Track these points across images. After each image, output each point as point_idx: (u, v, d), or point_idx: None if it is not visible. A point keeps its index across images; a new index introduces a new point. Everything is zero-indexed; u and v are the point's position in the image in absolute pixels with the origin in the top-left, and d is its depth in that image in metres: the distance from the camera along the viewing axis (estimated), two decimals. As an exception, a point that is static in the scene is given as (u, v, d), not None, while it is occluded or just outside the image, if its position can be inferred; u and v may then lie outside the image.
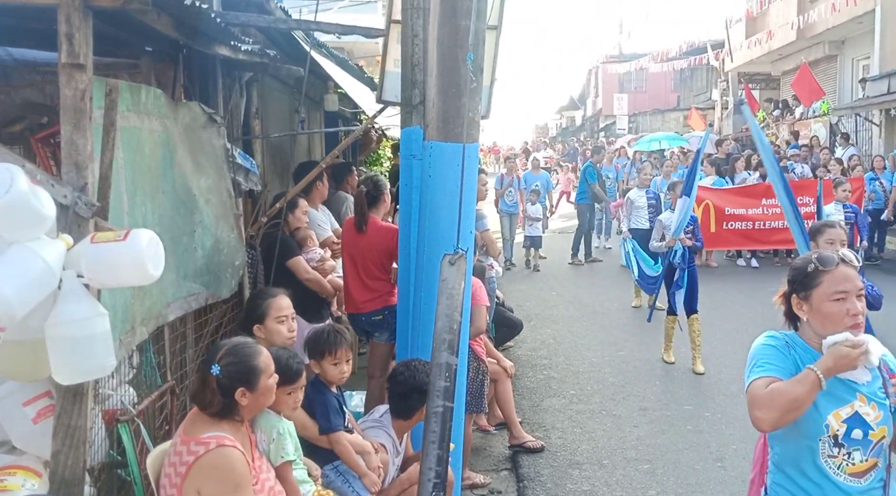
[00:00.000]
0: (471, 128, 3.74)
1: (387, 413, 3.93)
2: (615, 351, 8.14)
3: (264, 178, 5.71)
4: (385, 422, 3.90)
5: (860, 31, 18.30)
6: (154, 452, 2.97)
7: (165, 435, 3.69)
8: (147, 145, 3.60)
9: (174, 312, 3.85)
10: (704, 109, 30.20)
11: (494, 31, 4.83)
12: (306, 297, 4.90)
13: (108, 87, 2.96)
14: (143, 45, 4.06)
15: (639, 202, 10.48)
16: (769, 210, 12.36)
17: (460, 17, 3.65)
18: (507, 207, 13.66)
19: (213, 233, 4.35)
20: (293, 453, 3.18)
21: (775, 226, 12.22)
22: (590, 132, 50.20)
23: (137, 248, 2.68)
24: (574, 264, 13.73)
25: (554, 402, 6.61)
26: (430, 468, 3.21)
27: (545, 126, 75.05)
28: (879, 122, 16.89)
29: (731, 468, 5.22)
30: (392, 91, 4.78)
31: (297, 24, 5.14)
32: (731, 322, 9.06)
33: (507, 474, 5.30)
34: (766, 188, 12.51)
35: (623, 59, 32.82)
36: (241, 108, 5.27)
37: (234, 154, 4.74)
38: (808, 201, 11.87)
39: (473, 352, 4.94)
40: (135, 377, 3.65)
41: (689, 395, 6.68)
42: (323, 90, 7.91)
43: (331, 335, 3.71)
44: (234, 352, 2.79)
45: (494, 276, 7.15)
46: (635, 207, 10.47)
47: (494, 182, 15.00)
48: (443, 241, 3.70)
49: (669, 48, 26.69)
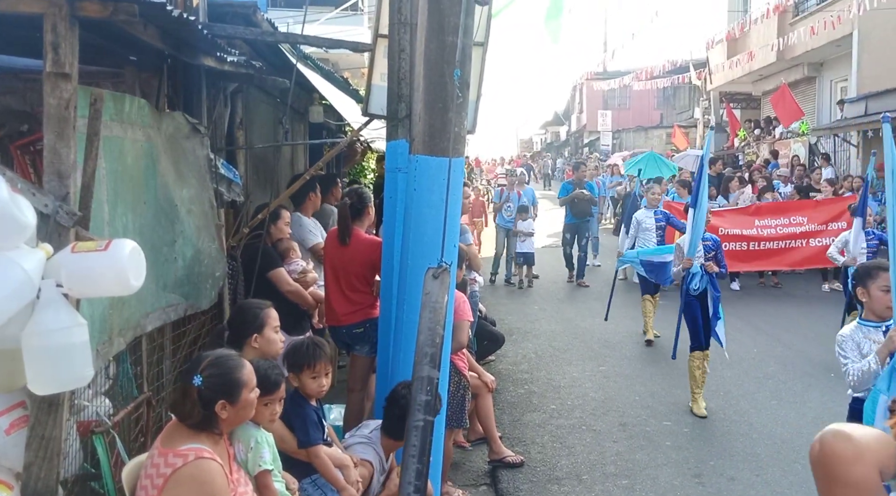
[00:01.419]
0: (457, 142, 3.76)
1: (377, 430, 3.90)
2: (596, 366, 8.16)
3: (247, 189, 5.70)
4: (374, 439, 3.87)
5: (838, 53, 18.58)
6: (129, 464, 2.93)
7: (141, 447, 3.65)
8: (130, 155, 3.58)
9: (152, 323, 3.83)
10: (687, 127, 30.47)
11: (481, 47, 4.87)
12: (287, 309, 4.85)
13: (92, 97, 2.95)
14: (127, 54, 4.04)
15: (646, 223, 9.62)
16: (763, 231, 12.14)
17: (447, 33, 3.68)
18: (505, 222, 13.32)
19: (194, 243, 4.33)
20: (271, 462, 3.15)
21: (770, 247, 12.11)
22: (574, 148, 50.51)
23: (119, 259, 2.66)
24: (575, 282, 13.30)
25: (534, 417, 6.61)
26: (409, 482, 3.20)
27: (530, 140, 75.44)
28: (857, 143, 17.12)
29: (708, 484, 5.24)
30: (378, 104, 4.80)
31: (284, 38, 5.15)
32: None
33: (486, 489, 5.29)
34: (756, 209, 12.48)
35: (607, 77, 33.02)
36: (226, 119, 5.26)
37: (218, 164, 4.73)
38: (801, 220, 12.11)
39: (455, 367, 4.93)
40: (111, 388, 3.62)
41: (669, 411, 6.70)
42: (308, 102, 7.91)
43: (310, 348, 3.69)
44: (217, 364, 2.76)
45: (477, 290, 7.16)
46: (643, 229, 9.62)
47: (493, 196, 15.11)
48: (427, 255, 3.71)
49: (653, 67, 26.92)
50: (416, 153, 3.89)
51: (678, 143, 27.29)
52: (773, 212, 12.40)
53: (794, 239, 12.13)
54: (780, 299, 11.87)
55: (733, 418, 6.51)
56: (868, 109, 16.16)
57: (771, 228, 12.16)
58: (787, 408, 6.61)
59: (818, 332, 9.13)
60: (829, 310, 10.35)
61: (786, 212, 12.36)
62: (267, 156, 6.76)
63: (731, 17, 24.85)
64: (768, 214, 12.28)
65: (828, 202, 12.61)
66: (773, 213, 12.34)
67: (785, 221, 12.17)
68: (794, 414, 6.56)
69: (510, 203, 13.29)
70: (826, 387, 7.25)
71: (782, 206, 12.76)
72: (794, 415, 6.54)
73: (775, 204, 12.91)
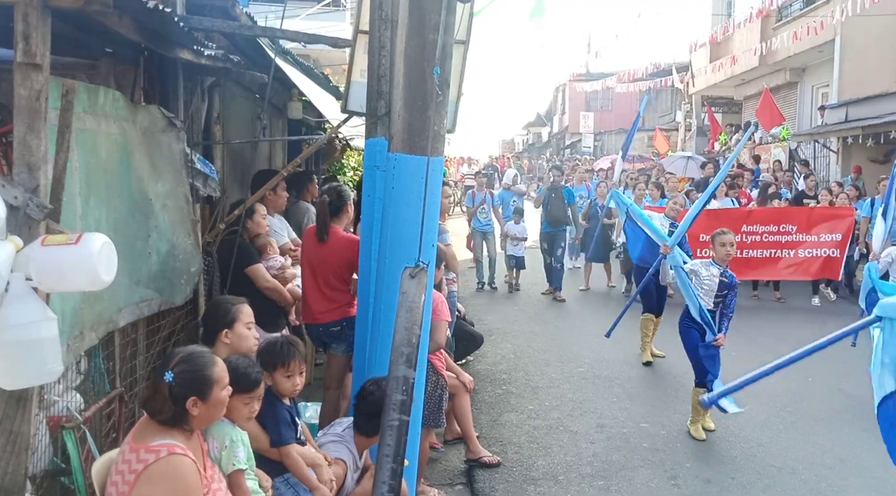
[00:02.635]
0: (436, 141, 3.74)
1: (349, 428, 3.88)
2: (574, 367, 8.17)
3: (223, 185, 5.64)
4: (347, 437, 3.85)
5: (820, 59, 18.76)
6: (100, 460, 2.91)
7: (113, 442, 3.61)
8: (103, 148, 3.53)
9: (125, 318, 3.78)
10: (668, 130, 30.66)
11: (462, 45, 4.86)
12: (264, 306, 4.83)
13: (64, 88, 2.90)
14: (102, 45, 3.99)
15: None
16: (748, 238, 11.44)
17: (428, 30, 3.66)
18: (481, 226, 12.72)
19: (169, 238, 4.28)
20: (245, 462, 3.13)
21: (753, 255, 11.51)
22: (556, 149, 50.67)
23: (89, 252, 2.62)
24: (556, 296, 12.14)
25: (512, 418, 6.60)
26: (383, 482, 3.18)
27: (512, 141, 75.62)
28: (837, 149, 17.29)
29: (684, 486, 5.26)
30: (357, 101, 4.77)
31: (262, 31, 5.10)
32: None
33: (462, 488, 5.28)
34: (746, 213, 11.93)
35: (590, 78, 33.16)
36: (203, 113, 5.21)
37: (194, 159, 4.68)
38: (790, 229, 11.55)
39: (433, 367, 4.92)
40: (82, 383, 3.57)
41: (646, 413, 6.72)
42: (287, 97, 7.85)
43: (284, 347, 3.67)
44: (189, 361, 2.74)
45: (456, 290, 7.14)
46: None
47: (465, 200, 14.40)
48: (404, 254, 3.69)
49: (636, 69, 27.05)
50: (394, 151, 3.87)
51: (659, 146, 27.46)
52: (765, 218, 11.78)
53: (781, 248, 11.64)
54: (762, 309, 11.94)
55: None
56: (849, 116, 16.34)
57: (756, 235, 11.60)
58: (763, 411, 6.64)
59: (796, 337, 9.20)
60: (814, 317, 10.47)
61: (778, 219, 11.76)
62: (244, 151, 6.71)
63: (715, 20, 25.04)
64: (758, 221, 11.68)
65: (823, 211, 11.96)
66: (764, 220, 11.71)
67: (773, 229, 11.62)
68: (771, 417, 6.60)
69: (485, 205, 12.79)
70: (803, 390, 7.31)
71: (777, 212, 12.11)
72: (771, 418, 6.58)
73: (769, 210, 12.25)
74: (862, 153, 16.21)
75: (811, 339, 2.86)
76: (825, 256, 11.55)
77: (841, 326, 2.91)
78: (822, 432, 6.28)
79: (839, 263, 11.48)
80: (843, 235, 11.48)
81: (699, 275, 6.11)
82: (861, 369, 7.87)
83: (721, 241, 6.15)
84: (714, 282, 6.10)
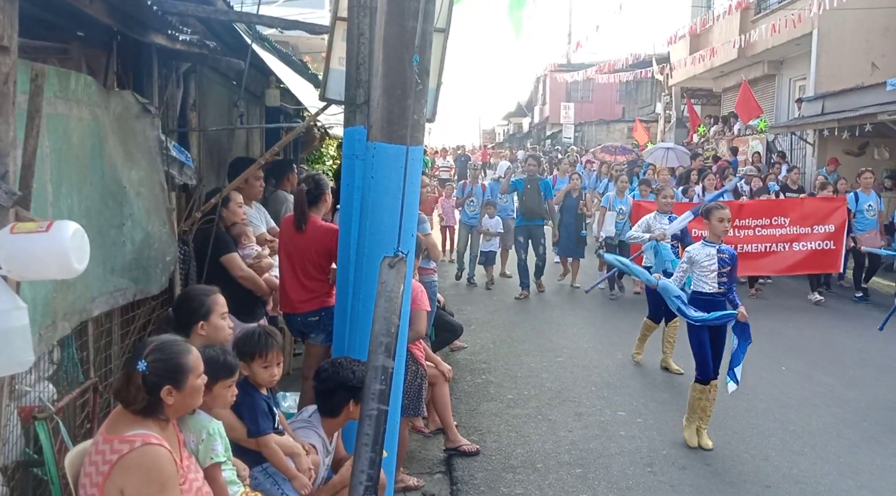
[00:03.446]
0: (415, 130, 3.71)
1: (316, 412, 3.86)
2: (553, 357, 8.20)
3: (200, 173, 5.58)
4: (314, 422, 3.83)
5: (798, 52, 18.88)
6: (74, 451, 2.87)
7: (87, 433, 3.57)
8: (75, 134, 3.46)
9: (99, 307, 3.72)
10: (648, 122, 30.76)
11: (442, 33, 4.81)
12: (239, 296, 4.78)
13: (34, 72, 2.83)
14: (74, 29, 3.90)
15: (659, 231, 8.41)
16: (741, 232, 10.97)
17: (407, 18, 3.62)
18: (469, 219, 12.35)
19: (144, 227, 4.22)
20: (223, 454, 3.10)
21: (747, 250, 10.85)
22: (536, 139, 50.69)
23: (60, 240, 2.57)
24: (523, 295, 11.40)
25: (491, 406, 6.61)
26: (361, 471, 3.16)
27: (492, 131, 75.56)
28: (813, 141, 17.44)
29: (660, 473, 5.29)
30: (336, 89, 4.71)
31: (238, 16, 5.02)
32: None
33: (441, 477, 5.28)
34: (737, 207, 11.05)
35: (571, 69, 33.12)
36: (178, 100, 5.13)
37: (169, 146, 4.62)
38: (783, 222, 11.15)
39: (412, 356, 4.90)
40: (55, 373, 3.51)
41: (624, 401, 6.76)
42: (265, 85, 7.77)
43: (262, 337, 3.64)
44: (162, 349, 2.70)
45: (436, 280, 7.12)
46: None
47: (456, 191, 13.84)
48: (383, 243, 3.66)
49: (616, 60, 27.07)
50: (373, 140, 3.83)
51: (639, 138, 27.54)
52: (757, 211, 11.34)
53: (775, 242, 11.21)
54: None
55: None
56: (825, 108, 16.47)
57: (749, 230, 11.13)
58: (738, 399, 6.70)
59: (774, 324, 9.30)
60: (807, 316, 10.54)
61: (770, 212, 11.36)
62: (221, 139, 6.63)
63: (695, 12, 25.12)
64: (750, 214, 11.23)
65: (816, 202, 11.64)
66: (756, 213, 11.29)
67: (766, 222, 11.22)
68: (744, 405, 6.66)
69: (473, 198, 12.42)
70: (774, 378, 7.39)
71: (768, 204, 11.75)
72: (745, 406, 6.64)
73: (761, 202, 11.89)
74: (838, 145, 16.37)
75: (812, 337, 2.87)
76: (821, 249, 11.18)
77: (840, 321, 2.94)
78: (793, 419, 6.36)
79: (837, 255, 11.10)
80: (837, 227, 11.08)
81: (697, 261, 5.90)
82: (829, 359, 8.03)
83: (719, 216, 5.93)
84: (713, 260, 5.85)
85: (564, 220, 11.92)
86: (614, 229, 11.23)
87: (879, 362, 8.08)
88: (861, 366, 7.94)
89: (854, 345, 8.79)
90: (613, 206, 11.42)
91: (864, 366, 7.94)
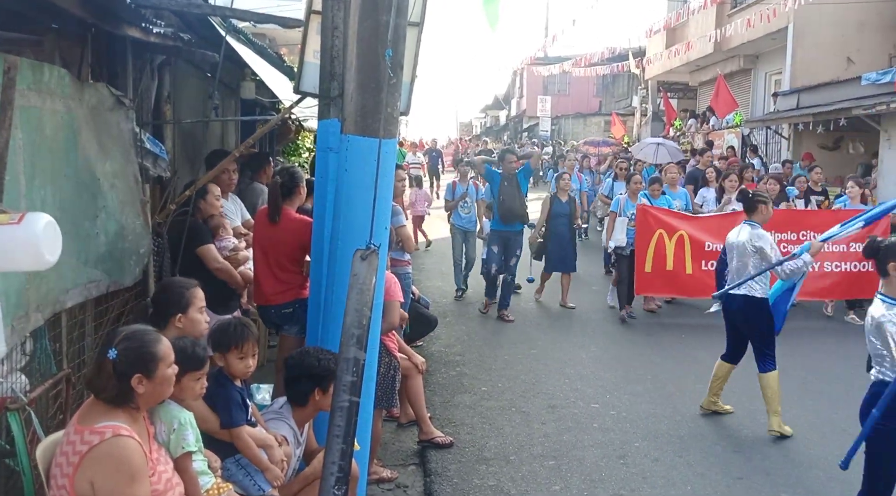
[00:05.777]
0: (388, 123, 3.74)
1: (286, 403, 3.89)
2: (527, 349, 8.27)
3: (174, 165, 5.57)
4: (285, 413, 3.86)
5: (773, 46, 19.06)
6: (45, 442, 2.88)
7: (60, 424, 3.57)
8: (48, 126, 3.46)
9: (73, 299, 3.73)
10: (625, 116, 30.92)
11: (416, 27, 4.83)
12: (215, 288, 4.79)
13: (6, 64, 2.84)
14: (48, 21, 3.89)
15: None
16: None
17: (381, 12, 3.66)
18: (462, 222, 10.88)
19: (118, 219, 4.22)
20: (194, 444, 3.11)
21: None
22: (513, 132, 50.76)
23: (32, 232, 2.59)
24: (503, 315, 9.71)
25: (465, 399, 6.67)
26: (333, 462, 3.20)
27: (469, 124, 75.47)
28: (788, 135, 17.64)
29: (632, 465, 5.38)
30: (310, 82, 4.72)
31: (211, 10, 5.02)
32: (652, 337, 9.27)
33: (414, 469, 5.33)
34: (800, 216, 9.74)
35: (548, 62, 33.16)
36: (152, 92, 5.12)
37: (143, 139, 4.61)
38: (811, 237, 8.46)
39: (385, 348, 4.94)
40: (28, 364, 3.51)
41: (597, 394, 6.85)
42: (240, 77, 7.75)
43: (237, 328, 3.65)
44: (133, 338, 2.71)
45: (410, 272, 7.15)
46: None
47: (445, 192, 12.32)
48: (356, 236, 3.69)
49: (592, 54, 27.15)
50: (347, 133, 3.86)
51: (615, 132, 27.67)
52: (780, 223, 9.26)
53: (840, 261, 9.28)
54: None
55: (658, 401, 6.69)
56: (800, 102, 16.67)
57: None
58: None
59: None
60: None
61: (797, 224, 9.58)
62: (195, 131, 6.61)
63: (671, 6, 25.28)
64: (772, 227, 8.33)
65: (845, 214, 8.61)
66: (779, 226, 9.21)
67: (792, 237, 9.30)
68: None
69: (467, 198, 10.94)
70: (748, 371, 7.49)
71: (792, 215, 10.05)
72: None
73: (784, 212, 9.89)
74: (812, 140, 16.58)
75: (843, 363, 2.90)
76: (857, 271, 9.26)
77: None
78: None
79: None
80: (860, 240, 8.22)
81: (765, 252, 5.90)
82: (802, 354, 8.15)
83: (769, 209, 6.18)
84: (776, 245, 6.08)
85: (555, 229, 10.18)
86: (625, 238, 9.52)
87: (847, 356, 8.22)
88: (834, 361, 8.09)
89: (812, 344, 8.92)
90: (625, 211, 9.69)
91: (838, 361, 8.09)
